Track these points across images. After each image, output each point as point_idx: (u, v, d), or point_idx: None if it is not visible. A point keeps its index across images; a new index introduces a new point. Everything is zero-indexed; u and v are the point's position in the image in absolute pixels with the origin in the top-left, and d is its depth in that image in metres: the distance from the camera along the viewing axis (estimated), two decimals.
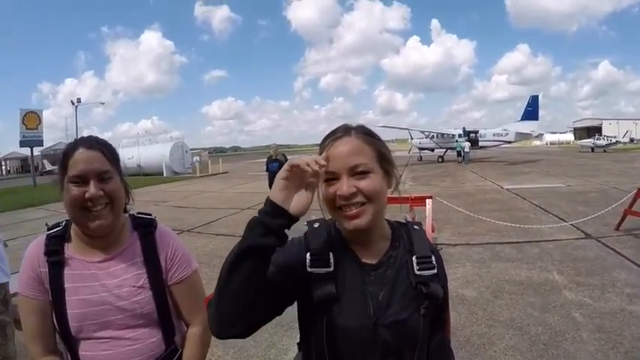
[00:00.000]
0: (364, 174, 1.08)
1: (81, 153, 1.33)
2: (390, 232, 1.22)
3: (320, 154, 1.13)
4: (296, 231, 1.15)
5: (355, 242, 1.17)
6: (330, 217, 1.19)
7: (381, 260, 1.17)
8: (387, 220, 1.24)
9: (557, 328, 3.93)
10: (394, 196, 1.23)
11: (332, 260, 1.12)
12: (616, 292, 4.74)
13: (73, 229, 1.42)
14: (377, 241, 1.18)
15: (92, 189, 1.30)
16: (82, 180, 1.31)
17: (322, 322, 1.10)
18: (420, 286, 1.12)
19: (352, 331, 1.10)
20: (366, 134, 1.14)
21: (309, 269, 1.11)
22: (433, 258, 1.18)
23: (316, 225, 1.20)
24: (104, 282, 1.37)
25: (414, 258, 1.15)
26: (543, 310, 4.35)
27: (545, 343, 3.69)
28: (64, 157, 1.35)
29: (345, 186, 1.06)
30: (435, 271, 1.16)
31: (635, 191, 7.59)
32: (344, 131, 1.13)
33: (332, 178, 1.09)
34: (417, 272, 1.13)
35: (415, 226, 1.24)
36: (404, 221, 1.27)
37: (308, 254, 1.13)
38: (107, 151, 1.40)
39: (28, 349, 1.40)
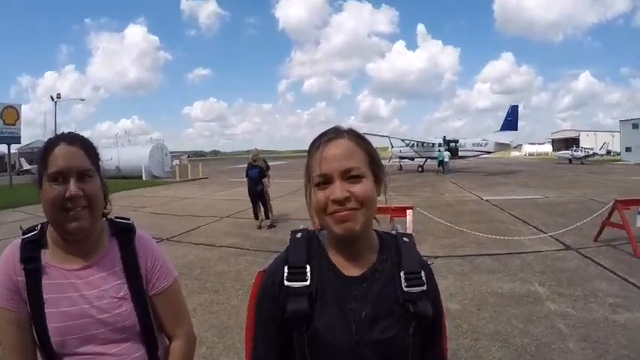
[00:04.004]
0: (357, 178, 1.05)
1: (62, 148, 1.27)
2: (378, 243, 1.18)
3: (309, 157, 1.12)
4: (284, 242, 1.16)
5: (340, 253, 1.13)
6: (313, 227, 1.18)
7: (366, 273, 1.11)
8: (375, 230, 1.19)
9: (543, 339, 3.95)
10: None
11: (308, 273, 1.09)
12: (598, 302, 4.81)
13: (50, 234, 1.34)
14: (363, 252, 1.14)
15: (72, 188, 1.23)
16: (62, 177, 1.24)
17: (303, 338, 1.07)
18: (407, 304, 1.07)
19: (335, 349, 1.05)
20: (358, 137, 1.13)
21: (285, 283, 1.09)
22: (423, 273, 1.13)
23: (298, 235, 1.18)
24: (84, 292, 1.30)
25: (402, 273, 1.11)
26: (528, 322, 4.37)
27: (532, 355, 3.70)
28: (44, 152, 1.28)
29: (338, 190, 1.04)
30: (425, 287, 1.11)
31: (612, 203, 7.71)
32: (335, 133, 1.12)
33: (324, 182, 1.06)
34: (405, 289, 1.09)
35: (405, 239, 1.20)
36: (393, 232, 1.23)
37: (286, 267, 1.11)
38: (88, 148, 1.34)
39: None
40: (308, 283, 1.08)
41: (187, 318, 1.57)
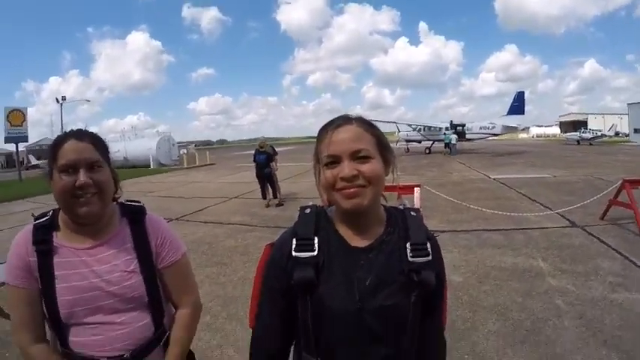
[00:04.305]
0: (365, 159, 1.09)
1: (71, 144, 1.33)
2: (386, 217, 1.21)
3: (318, 142, 1.16)
4: (292, 218, 1.19)
5: (347, 226, 1.17)
6: (322, 204, 1.22)
7: (372, 244, 1.15)
8: (383, 205, 1.23)
9: (540, 315, 3.97)
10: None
11: (316, 245, 1.12)
12: (599, 280, 4.79)
13: (61, 218, 1.40)
14: (371, 225, 1.17)
15: (82, 177, 1.30)
16: (72, 169, 1.31)
17: (307, 307, 1.11)
18: (411, 274, 1.11)
19: (338, 315, 1.09)
20: (366, 123, 1.16)
21: (293, 253, 1.13)
22: (429, 245, 1.16)
23: (307, 211, 1.21)
24: (94, 268, 1.36)
25: (408, 244, 1.14)
26: (527, 297, 4.39)
27: (527, 329, 3.72)
28: (54, 147, 1.34)
29: (347, 168, 1.07)
30: (430, 258, 1.14)
31: (620, 182, 7.65)
32: (344, 120, 1.15)
33: (332, 162, 1.10)
34: (410, 259, 1.12)
35: (412, 213, 1.22)
36: (401, 207, 1.26)
37: (294, 239, 1.14)
38: (97, 141, 1.41)
39: (16, 339, 1.38)
40: (315, 253, 1.12)
41: (195, 289, 1.64)
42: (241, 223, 8.72)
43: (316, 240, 1.13)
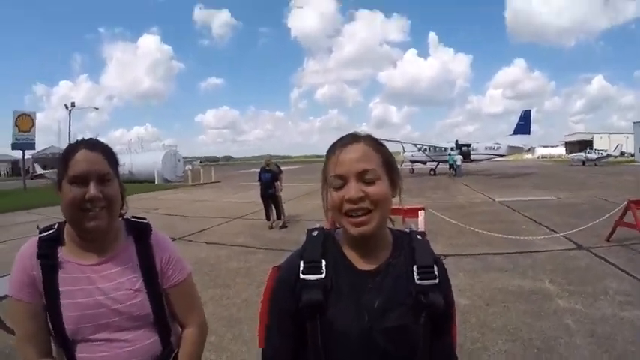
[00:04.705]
0: (372, 180, 1.10)
1: (83, 154, 1.33)
2: (392, 240, 1.22)
3: (327, 160, 1.17)
4: (296, 241, 1.19)
5: (355, 249, 1.18)
6: (328, 226, 1.22)
7: (379, 268, 1.16)
8: (389, 228, 1.24)
9: (550, 334, 3.94)
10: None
11: (324, 267, 1.13)
12: (608, 299, 4.77)
13: (67, 232, 1.40)
14: (378, 249, 1.18)
15: (92, 190, 1.30)
16: (82, 181, 1.30)
17: (316, 329, 1.11)
18: (419, 295, 1.11)
19: (347, 337, 1.09)
20: (375, 142, 1.18)
21: (301, 276, 1.13)
22: (435, 268, 1.16)
23: (315, 233, 1.22)
24: (99, 285, 1.36)
25: (414, 267, 1.14)
26: (536, 317, 4.36)
27: (538, 348, 3.70)
28: (65, 156, 1.34)
29: (353, 190, 1.08)
30: (437, 281, 1.14)
31: (625, 203, 7.64)
32: (353, 138, 1.16)
33: (339, 183, 1.11)
34: (418, 282, 1.13)
35: (419, 236, 1.23)
36: (407, 230, 1.27)
37: (302, 262, 1.15)
38: (108, 153, 1.41)
39: (21, 353, 1.37)
40: (323, 275, 1.12)
41: (200, 309, 1.64)
42: (244, 245, 8.68)
43: (324, 262, 1.14)
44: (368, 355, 1.09)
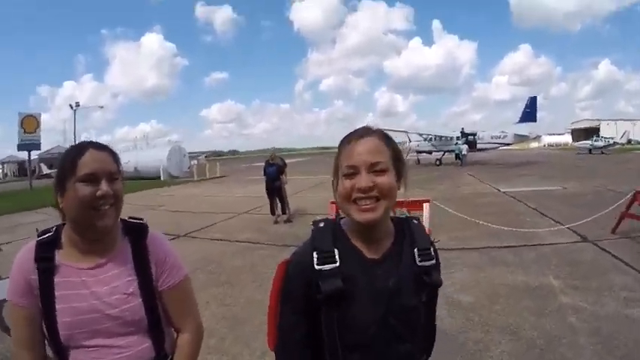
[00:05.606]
0: (381, 171, 1.16)
1: (92, 153, 1.35)
2: (393, 228, 1.29)
3: (339, 151, 1.24)
4: (300, 236, 1.18)
5: (360, 238, 1.23)
6: (332, 216, 1.29)
7: (386, 254, 1.22)
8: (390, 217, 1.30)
9: (554, 333, 3.92)
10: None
11: (337, 256, 1.18)
12: (612, 296, 4.73)
13: (66, 235, 1.40)
14: (381, 237, 1.25)
15: (104, 187, 1.32)
16: (94, 179, 1.32)
17: (333, 317, 1.16)
18: (422, 276, 1.21)
19: (364, 322, 1.16)
20: (386, 137, 1.25)
21: (316, 267, 1.17)
22: (432, 249, 1.27)
23: (321, 225, 1.27)
24: (94, 290, 1.36)
25: (415, 250, 1.23)
26: (539, 315, 4.34)
27: (541, 348, 3.68)
28: (74, 157, 1.34)
29: (364, 180, 1.14)
30: (434, 261, 1.26)
31: (632, 193, 7.56)
32: (366, 132, 1.22)
33: (351, 173, 1.17)
34: (420, 264, 1.22)
35: (414, 221, 1.32)
36: (403, 216, 1.35)
37: (315, 253, 1.19)
38: (114, 154, 1.44)
39: (16, 358, 1.38)
40: (338, 264, 1.17)
41: (196, 313, 1.62)
42: (249, 241, 8.71)
43: (336, 251, 1.18)
44: (382, 337, 1.17)
